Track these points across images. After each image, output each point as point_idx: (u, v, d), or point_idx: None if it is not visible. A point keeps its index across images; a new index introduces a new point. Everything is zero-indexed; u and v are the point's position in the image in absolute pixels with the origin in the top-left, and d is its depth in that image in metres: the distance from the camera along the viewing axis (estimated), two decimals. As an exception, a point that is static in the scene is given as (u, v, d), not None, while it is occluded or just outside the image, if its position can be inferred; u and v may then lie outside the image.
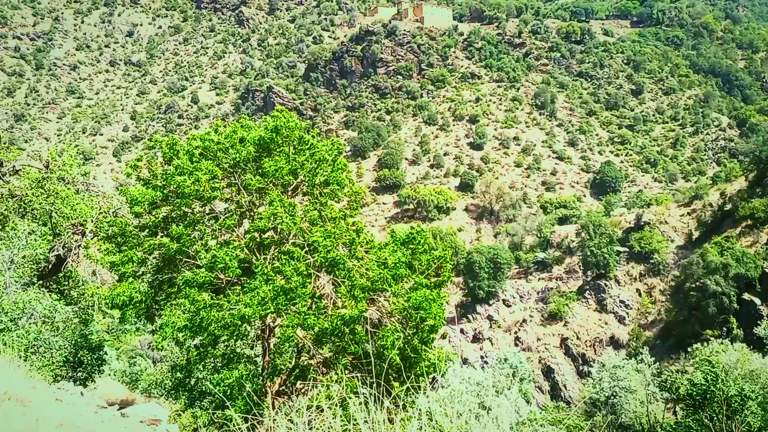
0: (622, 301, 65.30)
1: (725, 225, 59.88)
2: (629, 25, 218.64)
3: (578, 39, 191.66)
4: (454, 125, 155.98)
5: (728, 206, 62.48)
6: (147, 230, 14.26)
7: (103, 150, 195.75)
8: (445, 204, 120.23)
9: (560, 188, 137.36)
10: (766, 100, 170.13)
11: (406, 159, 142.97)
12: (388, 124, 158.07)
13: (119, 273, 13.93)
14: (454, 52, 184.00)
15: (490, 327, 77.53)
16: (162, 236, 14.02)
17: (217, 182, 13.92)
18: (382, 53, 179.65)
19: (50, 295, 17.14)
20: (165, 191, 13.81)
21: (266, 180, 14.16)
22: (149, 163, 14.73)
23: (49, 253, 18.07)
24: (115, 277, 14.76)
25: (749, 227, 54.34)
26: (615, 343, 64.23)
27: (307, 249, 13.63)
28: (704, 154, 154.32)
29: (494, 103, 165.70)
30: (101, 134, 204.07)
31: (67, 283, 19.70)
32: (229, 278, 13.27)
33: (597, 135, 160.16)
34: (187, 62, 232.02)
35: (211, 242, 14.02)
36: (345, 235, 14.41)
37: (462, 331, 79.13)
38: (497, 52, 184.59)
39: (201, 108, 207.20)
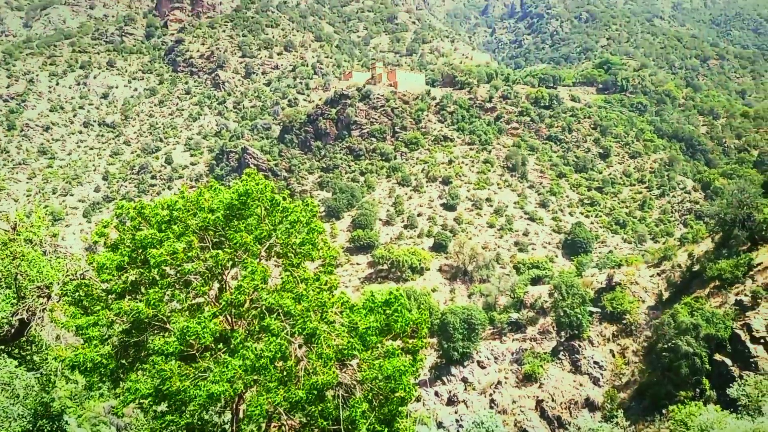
0: (596, 362, 65.21)
1: (694, 285, 60.65)
2: (595, 91, 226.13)
3: (547, 104, 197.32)
4: (427, 186, 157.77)
5: (696, 267, 63.47)
6: (115, 294, 13.99)
7: (74, 211, 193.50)
8: (419, 264, 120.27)
9: (533, 249, 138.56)
10: (728, 164, 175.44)
11: (380, 220, 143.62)
12: (362, 185, 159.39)
13: (85, 337, 13.58)
14: (427, 115, 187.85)
15: (465, 389, 76.52)
16: (131, 299, 13.76)
17: (190, 251, 13.82)
18: (356, 116, 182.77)
19: (11, 361, 16.56)
20: (134, 255, 13.65)
21: (237, 248, 14.09)
22: (117, 229, 14.58)
23: (12, 317, 17.58)
24: (80, 341, 14.39)
25: (717, 288, 55.11)
26: (590, 404, 63.72)
27: (281, 315, 13.48)
28: (671, 216, 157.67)
29: (467, 165, 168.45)
30: (72, 195, 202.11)
31: (29, 348, 19.09)
32: (201, 345, 13.03)
33: (567, 196, 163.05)
34: (162, 123, 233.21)
35: (183, 305, 13.81)
36: (317, 298, 14.31)
37: (436, 393, 77.94)
38: (469, 115, 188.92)
39: (175, 168, 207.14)
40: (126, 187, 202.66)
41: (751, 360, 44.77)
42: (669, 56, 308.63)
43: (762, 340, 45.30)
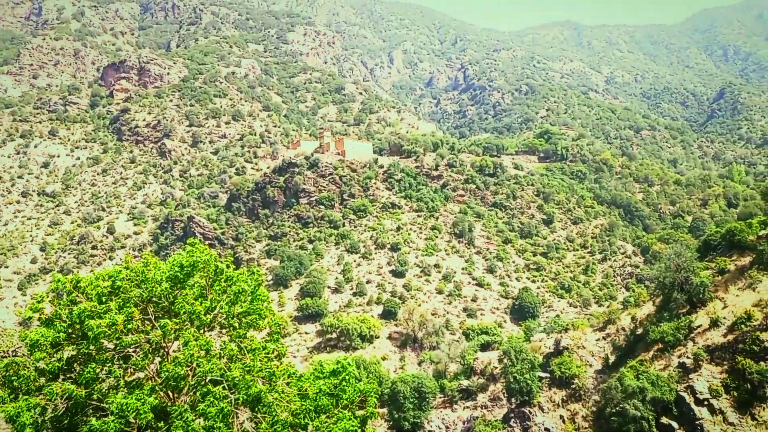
0: (547, 429, 64.81)
1: (638, 348, 61.63)
2: (537, 160, 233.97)
3: (491, 172, 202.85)
4: (376, 253, 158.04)
5: (639, 330, 64.67)
6: (49, 374, 13.27)
7: (8, 283, 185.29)
8: (369, 332, 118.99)
9: (481, 314, 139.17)
10: (664, 230, 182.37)
11: (329, 287, 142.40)
12: (310, 253, 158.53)
13: (17, 424, 12.66)
14: (375, 183, 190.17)
15: (417, 461, 74.61)
16: (65, 379, 13.08)
17: (131, 323, 13.38)
18: (304, 184, 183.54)
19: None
20: (70, 331, 13.10)
21: (181, 319, 13.75)
22: (53, 303, 14.03)
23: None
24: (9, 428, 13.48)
25: (660, 350, 56.12)
26: (543, 473, 62.80)
27: (226, 386, 13.09)
28: (613, 280, 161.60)
29: (415, 231, 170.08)
30: (6, 267, 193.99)
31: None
32: (141, 423, 12.44)
33: (514, 262, 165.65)
34: (105, 192, 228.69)
35: (121, 382, 13.21)
36: (264, 368, 13.99)
37: (388, 467, 75.72)
38: (416, 183, 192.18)
39: (117, 238, 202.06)
40: (65, 257, 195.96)
41: (696, 422, 45.36)
42: (605, 127, 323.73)
43: (706, 402, 46.06)
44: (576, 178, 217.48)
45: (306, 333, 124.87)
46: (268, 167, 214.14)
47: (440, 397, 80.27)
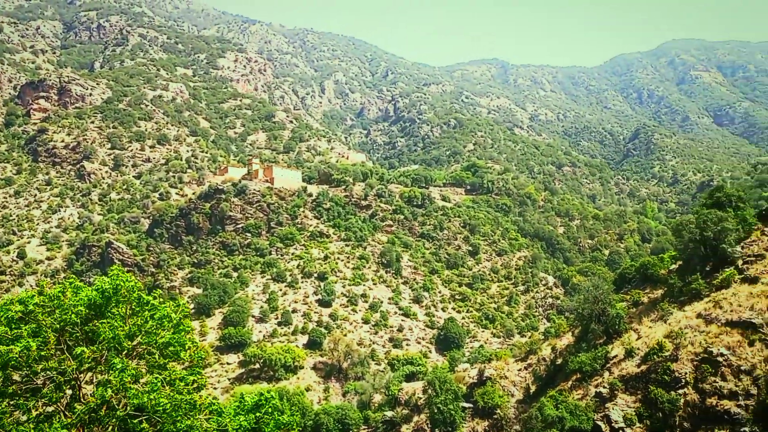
0: (470, 459, 65.22)
1: (558, 378, 63.26)
2: (464, 192, 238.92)
3: (419, 203, 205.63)
4: (302, 282, 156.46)
5: (559, 360, 66.50)
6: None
7: None
8: (293, 363, 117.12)
9: (407, 344, 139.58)
10: (583, 262, 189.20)
11: (253, 316, 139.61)
12: (235, 281, 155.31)
13: None
14: (303, 211, 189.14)
15: (340, 495, 73.48)
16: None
17: (44, 350, 12.69)
18: (231, 211, 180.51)
19: None
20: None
21: (100, 347, 13.16)
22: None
23: None
24: None
25: (579, 380, 57.78)
26: (465, 504, 63.03)
27: (145, 419, 12.59)
28: (535, 311, 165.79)
29: (342, 261, 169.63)
30: None
31: None
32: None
33: (440, 292, 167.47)
34: (17, 215, 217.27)
35: (30, 416, 12.46)
36: (185, 401, 13.57)
37: (310, 501, 74.16)
38: (345, 212, 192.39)
39: (28, 264, 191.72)
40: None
41: (612, 450, 46.79)
42: (529, 162, 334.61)
43: (621, 431, 47.61)
44: (501, 210, 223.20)
45: (228, 363, 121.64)
46: (193, 193, 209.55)
47: (364, 429, 79.63)
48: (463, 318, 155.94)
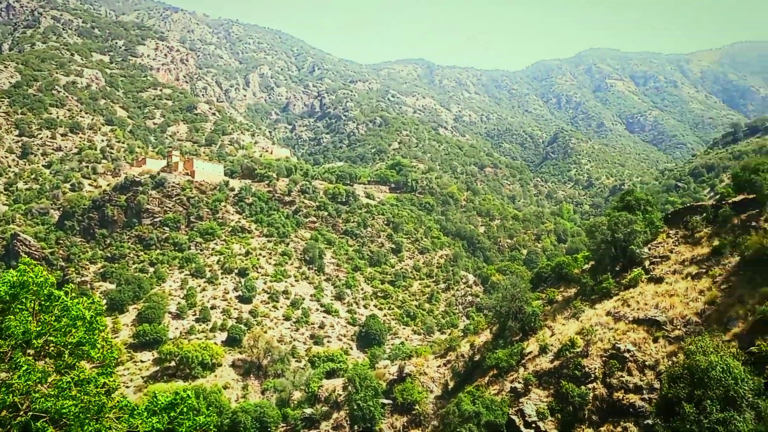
0: (388, 455, 65.68)
1: (476, 374, 64.57)
2: (388, 190, 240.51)
3: (344, 200, 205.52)
4: (222, 278, 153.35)
5: (477, 357, 67.92)
6: None
7: None
8: (211, 360, 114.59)
9: (328, 341, 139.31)
10: (502, 261, 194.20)
11: (170, 313, 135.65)
12: (151, 277, 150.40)
13: None
14: (225, 206, 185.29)
15: (257, 494, 72.40)
16: None
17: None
18: (148, 204, 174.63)
19: None
20: None
21: (7, 343, 12.33)
22: None
23: None
24: None
25: (495, 376, 59.20)
26: (383, 500, 63.42)
27: (51, 422, 11.90)
28: (455, 309, 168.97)
29: (264, 257, 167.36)
30: None
31: None
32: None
33: (362, 290, 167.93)
34: None
35: None
36: (95, 402, 12.93)
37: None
38: (267, 208, 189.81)
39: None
40: None
41: (525, 443, 48.23)
42: (452, 162, 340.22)
43: (533, 425, 49.10)
44: (424, 209, 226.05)
45: (142, 361, 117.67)
46: (108, 184, 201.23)
47: (283, 427, 78.86)
48: (385, 315, 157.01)
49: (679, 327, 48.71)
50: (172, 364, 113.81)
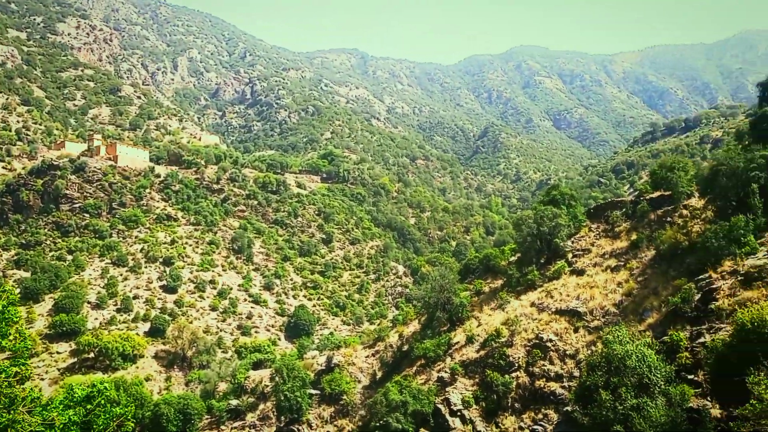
0: (315, 446, 65.40)
1: (404, 364, 65.02)
2: (320, 180, 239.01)
3: (274, 189, 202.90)
4: (146, 267, 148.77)
5: (405, 347, 68.42)
6: None
7: None
8: (132, 351, 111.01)
9: (256, 332, 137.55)
10: (432, 253, 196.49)
11: (89, 303, 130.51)
12: (69, 265, 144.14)
13: None
14: (150, 193, 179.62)
15: (179, 488, 70.73)
16: None
17: None
18: (67, 189, 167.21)
19: None
20: None
21: None
22: None
23: None
24: None
25: (423, 366, 59.78)
26: (309, 490, 63.13)
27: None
28: (385, 299, 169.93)
29: (191, 245, 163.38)
30: None
31: None
32: None
33: (291, 280, 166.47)
34: None
35: None
36: (3, 396, 12.12)
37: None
38: (195, 196, 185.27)
39: None
40: None
41: (450, 431, 48.93)
42: (384, 153, 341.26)
43: (459, 413, 49.86)
44: (356, 200, 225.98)
45: (58, 352, 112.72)
46: (23, 168, 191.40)
47: (207, 419, 77.27)
48: (314, 305, 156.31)
49: (598, 317, 50.45)
50: (91, 355, 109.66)
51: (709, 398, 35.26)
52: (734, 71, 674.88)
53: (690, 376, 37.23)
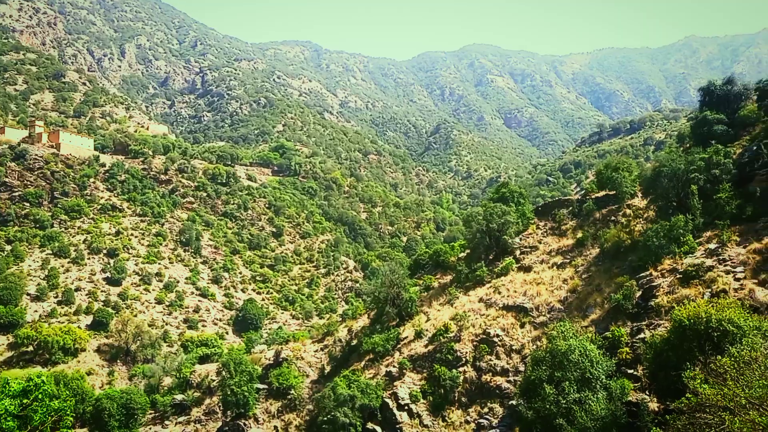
0: (261, 441, 64.87)
1: (352, 359, 65.08)
2: (271, 173, 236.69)
3: (224, 181, 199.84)
4: (89, 259, 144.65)
5: (355, 341, 68.47)
6: None
7: None
8: (74, 345, 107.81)
9: (203, 326, 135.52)
10: (383, 248, 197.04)
11: (28, 294, 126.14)
12: (7, 255, 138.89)
13: None
14: (94, 182, 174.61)
15: (121, 485, 69.15)
16: None
17: None
18: (6, 177, 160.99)
19: None
20: None
21: None
22: None
23: None
24: None
25: (371, 360, 59.95)
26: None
27: None
28: (335, 294, 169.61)
29: (136, 237, 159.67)
30: None
31: None
32: None
33: (240, 273, 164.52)
34: None
35: None
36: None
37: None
38: (142, 186, 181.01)
39: None
40: None
41: (397, 426, 49.16)
42: (337, 147, 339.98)
43: (406, 407, 50.21)
44: (307, 194, 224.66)
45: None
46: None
47: (151, 413, 75.76)
48: (263, 299, 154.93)
49: (544, 313, 51.53)
50: (30, 349, 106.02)
51: (647, 392, 36.46)
52: (677, 76, 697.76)
53: (630, 371, 38.43)
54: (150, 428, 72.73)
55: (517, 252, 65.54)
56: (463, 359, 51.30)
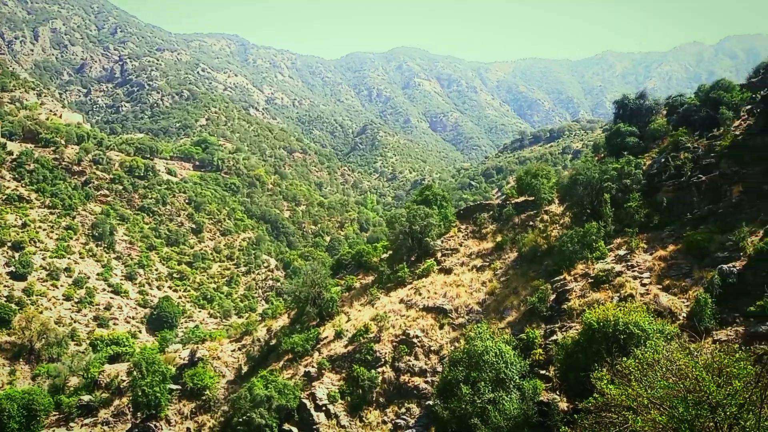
0: (173, 443, 62.87)
1: (271, 359, 64.06)
2: (192, 167, 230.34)
3: (142, 174, 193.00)
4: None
5: (274, 341, 67.41)
6: None
7: None
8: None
9: (114, 324, 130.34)
10: (305, 247, 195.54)
11: None
12: None
13: None
14: (0, 171, 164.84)
15: (19, 491, 65.42)
16: None
17: None
18: None
19: None
20: None
21: None
22: None
23: None
24: None
25: (290, 360, 59.19)
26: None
27: None
28: (255, 292, 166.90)
29: (44, 230, 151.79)
30: None
31: None
32: None
33: (157, 270, 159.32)
34: None
35: None
36: None
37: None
38: (52, 177, 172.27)
39: None
40: None
41: (314, 427, 48.72)
42: (261, 144, 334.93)
43: (324, 408, 49.83)
44: (229, 190, 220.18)
45: None
46: None
47: (55, 415, 72.09)
48: (180, 297, 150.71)
49: (463, 315, 52.34)
50: None
51: (558, 392, 37.61)
52: (595, 88, 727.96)
53: (542, 372, 39.54)
54: (53, 430, 69.20)
55: (439, 254, 66.34)
56: (383, 360, 51.41)
